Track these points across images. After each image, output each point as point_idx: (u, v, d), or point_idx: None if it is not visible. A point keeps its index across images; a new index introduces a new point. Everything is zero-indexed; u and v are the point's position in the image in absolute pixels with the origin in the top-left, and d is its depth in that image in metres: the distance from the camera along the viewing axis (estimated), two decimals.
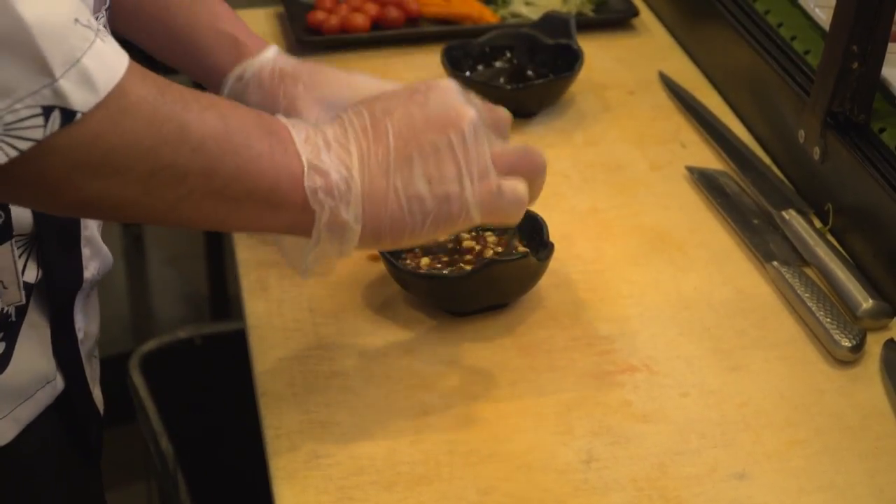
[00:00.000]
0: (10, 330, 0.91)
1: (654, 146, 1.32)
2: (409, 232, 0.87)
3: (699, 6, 1.48)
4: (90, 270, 0.98)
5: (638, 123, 1.37)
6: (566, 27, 1.42)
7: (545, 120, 1.37)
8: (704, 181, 1.25)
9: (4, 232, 0.89)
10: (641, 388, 1.00)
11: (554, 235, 1.08)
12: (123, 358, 1.53)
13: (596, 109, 1.39)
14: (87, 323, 0.99)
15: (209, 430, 1.55)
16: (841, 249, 1.14)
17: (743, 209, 1.20)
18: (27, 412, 0.94)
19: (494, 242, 1.10)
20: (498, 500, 0.90)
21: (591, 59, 1.42)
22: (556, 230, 1.09)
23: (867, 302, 1.06)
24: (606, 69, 1.47)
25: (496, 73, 1.41)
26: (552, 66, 1.39)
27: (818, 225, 1.17)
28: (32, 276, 0.92)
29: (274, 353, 1.04)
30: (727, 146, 1.30)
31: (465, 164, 0.87)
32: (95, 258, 0.98)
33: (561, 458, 0.93)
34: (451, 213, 0.87)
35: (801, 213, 1.18)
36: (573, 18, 1.43)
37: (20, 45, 0.70)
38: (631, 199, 1.24)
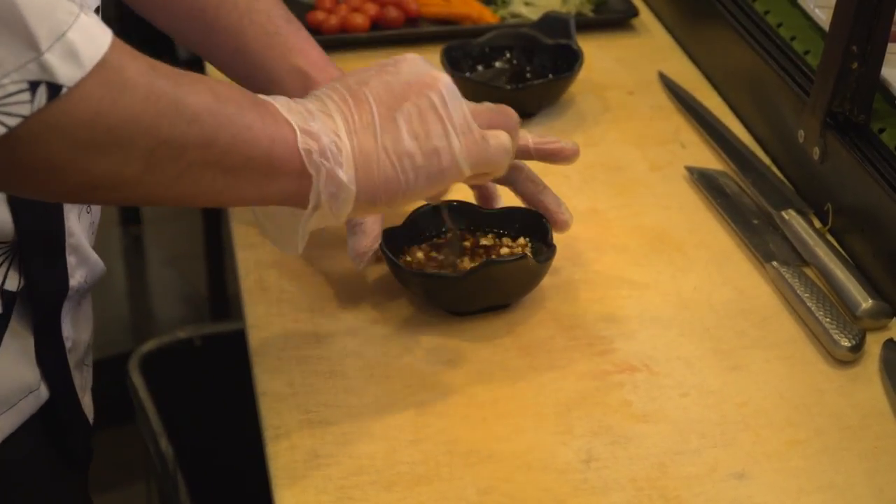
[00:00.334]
0: None
1: (653, 146, 1.32)
2: (402, 191, 0.90)
3: (699, 6, 1.48)
4: (76, 279, 0.96)
5: (638, 124, 1.36)
6: (566, 27, 1.42)
7: (545, 120, 1.36)
8: (704, 181, 1.25)
9: None
10: (641, 388, 1.00)
11: (554, 236, 1.08)
12: (123, 358, 1.53)
13: (596, 110, 1.39)
14: (76, 331, 0.98)
15: (209, 430, 1.55)
16: (840, 249, 1.14)
17: (743, 209, 1.20)
18: (9, 422, 0.93)
19: (511, 245, 1.10)
20: (497, 499, 0.90)
21: (590, 59, 1.42)
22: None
23: (867, 302, 1.07)
24: (606, 69, 1.47)
25: (496, 73, 1.41)
26: (552, 66, 1.39)
27: (818, 225, 1.17)
28: (14, 284, 0.91)
29: (274, 353, 1.04)
30: (727, 146, 1.30)
31: (448, 120, 0.90)
32: (83, 266, 0.97)
33: (561, 457, 0.93)
34: (441, 166, 0.90)
35: (800, 213, 1.18)
36: (573, 19, 1.43)
37: (8, 18, 0.70)
38: (631, 199, 1.24)
